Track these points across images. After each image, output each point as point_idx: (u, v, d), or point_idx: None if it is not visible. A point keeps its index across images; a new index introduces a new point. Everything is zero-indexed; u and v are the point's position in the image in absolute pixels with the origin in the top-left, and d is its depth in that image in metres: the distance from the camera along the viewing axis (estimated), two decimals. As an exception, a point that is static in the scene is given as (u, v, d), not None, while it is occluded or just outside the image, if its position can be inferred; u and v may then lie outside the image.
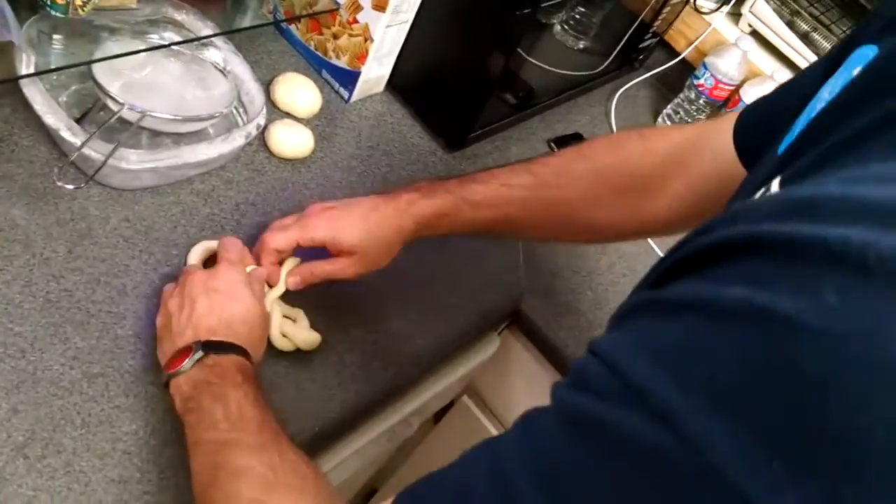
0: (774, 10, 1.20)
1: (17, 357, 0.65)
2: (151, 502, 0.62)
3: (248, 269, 0.72)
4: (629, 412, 0.31)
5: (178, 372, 0.61)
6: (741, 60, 1.14)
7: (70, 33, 0.78)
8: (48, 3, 0.70)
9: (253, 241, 0.81)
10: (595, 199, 0.73)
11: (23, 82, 0.73)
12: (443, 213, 0.73)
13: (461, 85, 0.99)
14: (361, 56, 0.95)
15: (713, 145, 0.66)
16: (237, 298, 0.67)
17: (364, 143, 0.98)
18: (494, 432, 1.07)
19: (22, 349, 0.65)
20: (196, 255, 0.76)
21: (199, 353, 0.61)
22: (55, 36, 0.77)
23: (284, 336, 0.74)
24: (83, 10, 0.72)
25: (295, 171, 0.90)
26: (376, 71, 0.99)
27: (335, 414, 0.74)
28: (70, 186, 0.70)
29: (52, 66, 0.77)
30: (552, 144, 1.12)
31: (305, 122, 0.94)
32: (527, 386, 1.00)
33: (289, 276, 0.74)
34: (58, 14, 0.71)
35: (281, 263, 0.74)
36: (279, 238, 0.72)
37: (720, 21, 1.23)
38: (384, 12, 0.90)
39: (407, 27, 0.96)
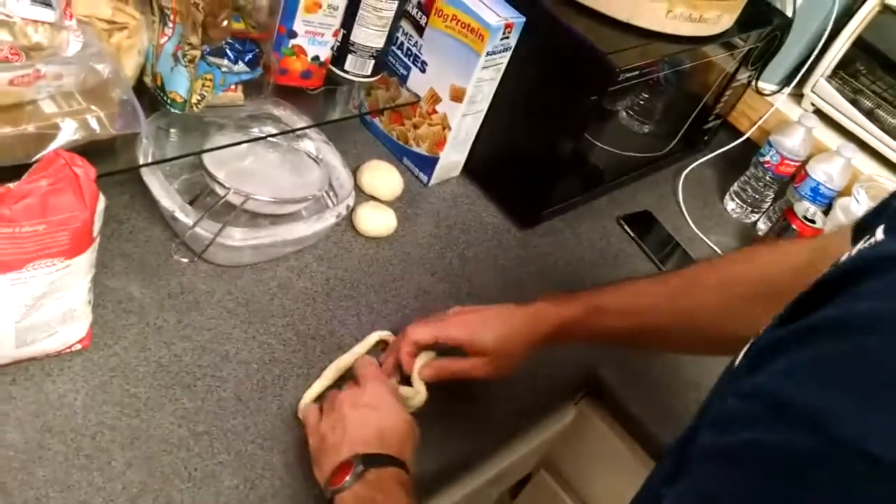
0: (836, 89, 1.24)
1: (132, 416, 0.71)
2: (252, 553, 0.66)
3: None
4: (807, 436, 0.31)
5: (342, 487, 0.63)
6: (805, 137, 1.17)
7: (184, 128, 0.88)
8: (168, 101, 0.80)
9: (343, 313, 0.87)
10: (726, 308, 0.73)
11: (143, 171, 0.82)
12: (577, 319, 0.77)
13: (532, 167, 1.05)
14: (440, 143, 1.03)
15: (843, 246, 0.68)
16: (387, 410, 0.70)
17: (442, 222, 1.04)
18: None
19: (137, 409, 0.71)
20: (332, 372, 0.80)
21: (360, 468, 0.63)
22: (171, 130, 0.87)
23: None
24: (197, 108, 0.81)
25: (379, 248, 0.96)
26: (453, 156, 1.06)
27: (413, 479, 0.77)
28: (184, 260, 0.78)
29: (168, 157, 0.87)
30: (622, 221, 1.16)
31: (389, 204, 1.01)
32: (604, 458, 1.01)
33: (423, 368, 0.78)
34: (175, 111, 0.81)
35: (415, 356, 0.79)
36: (420, 330, 0.78)
37: (782, 101, 1.27)
38: (461, 103, 0.98)
39: (481, 116, 1.04)
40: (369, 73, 0.98)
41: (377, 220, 0.97)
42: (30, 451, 0.65)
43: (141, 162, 0.82)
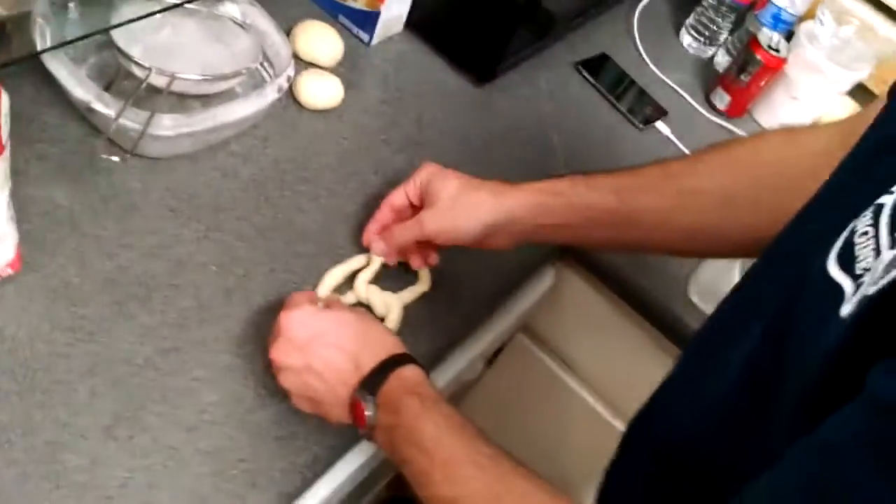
0: None
1: (85, 340, 0.63)
2: (247, 469, 0.61)
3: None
4: None
5: (370, 427, 0.57)
6: (767, -42, 1.10)
7: (86, 2, 0.74)
8: (61, -32, 0.67)
9: (300, 198, 0.79)
10: (731, 192, 0.65)
11: (44, 57, 0.69)
12: (556, 190, 0.69)
13: (484, 16, 0.95)
14: (380, -5, 0.91)
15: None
16: (346, 319, 0.62)
17: (392, 86, 0.94)
18: (553, 367, 1.06)
19: (90, 331, 0.64)
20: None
21: (369, 398, 0.57)
22: (70, 5, 0.74)
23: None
24: (98, -27, 0.68)
25: (328, 121, 0.87)
26: (395, 9, 0.95)
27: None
28: (116, 159, 0.68)
29: (71, 38, 0.73)
30: (580, 68, 1.08)
31: (330, 70, 0.91)
32: (584, 316, 0.99)
33: (374, 245, 0.72)
34: (72, -21, 0.68)
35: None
36: (394, 194, 0.73)
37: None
38: (401, -56, 0.86)
39: (423, -41, 0.92)
40: (292, -84, 0.84)
41: (322, 90, 0.87)
42: (-25, 395, 0.58)
43: (39, 47, 0.69)
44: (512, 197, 0.70)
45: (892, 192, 0.38)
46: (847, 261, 0.37)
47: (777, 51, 1.05)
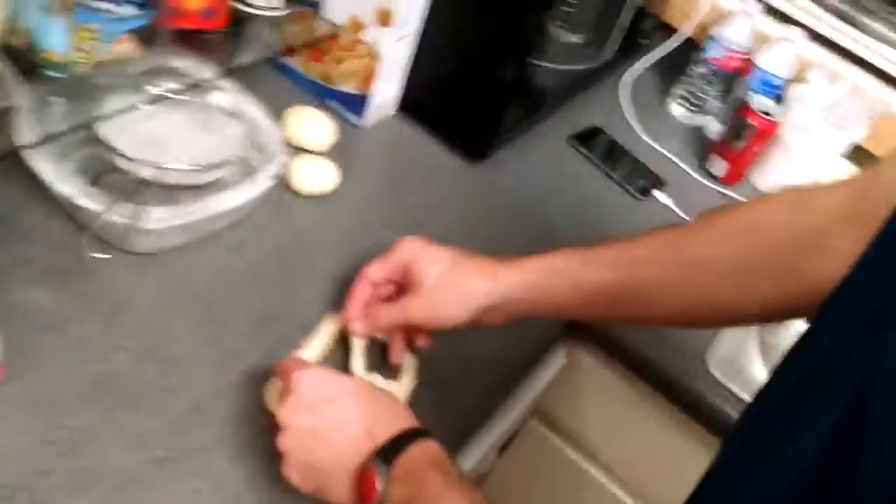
0: (771, -27, 1.17)
1: (70, 454, 0.58)
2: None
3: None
4: None
5: (381, 501, 0.51)
6: (749, 27, 1.11)
7: (70, 95, 0.72)
8: (44, 63, 0.65)
9: (300, 287, 0.75)
10: (740, 260, 0.60)
11: (27, 154, 0.66)
12: (552, 268, 0.64)
13: (477, 95, 0.94)
14: (370, 77, 0.90)
15: (890, 183, 0.56)
16: (352, 387, 0.57)
17: (387, 169, 0.93)
18: (568, 452, 1.00)
19: (75, 444, 0.58)
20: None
21: (384, 467, 0.52)
22: (54, 99, 0.71)
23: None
24: (84, 64, 0.66)
25: (324, 207, 0.84)
26: (387, 91, 0.94)
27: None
28: (105, 256, 0.64)
29: (55, 132, 0.71)
30: (573, 141, 1.07)
31: (322, 156, 0.88)
32: (599, 396, 0.94)
33: (354, 324, 0.68)
34: (56, 75, 0.65)
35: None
36: (372, 268, 0.68)
37: (718, -8, 1.20)
38: (390, 26, 0.85)
39: (411, 41, 0.91)
40: (280, 4, 0.83)
41: (316, 176, 0.84)
42: (-51, 525, 0.52)
43: (23, 143, 0.66)
44: (504, 279, 0.65)
45: None
46: None
47: (769, 115, 1.04)
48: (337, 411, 0.55)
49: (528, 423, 1.01)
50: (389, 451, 0.52)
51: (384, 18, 0.85)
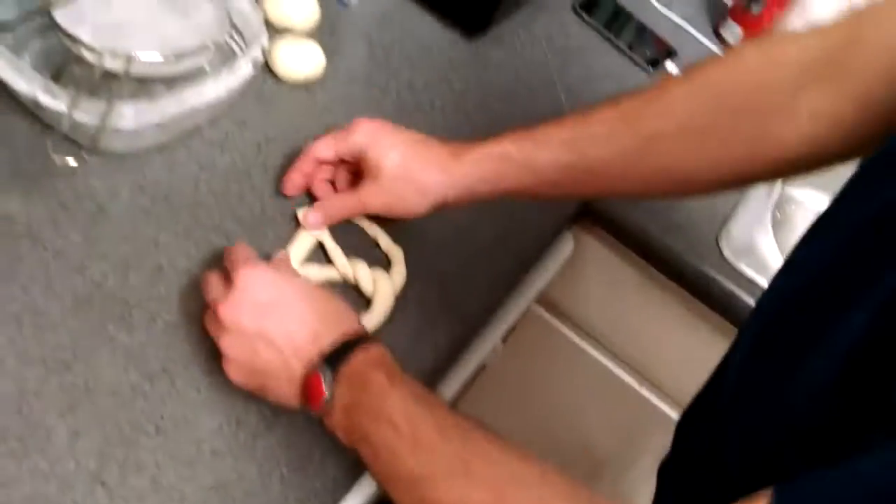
0: None
1: (59, 372, 0.55)
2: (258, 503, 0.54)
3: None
4: None
5: (325, 406, 0.51)
6: None
7: (18, -23, 0.65)
8: (-17, -59, 0.57)
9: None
10: (701, 126, 0.57)
11: (-23, 47, 0.60)
12: (504, 154, 0.62)
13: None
14: (355, -55, 0.81)
15: (877, 37, 0.51)
16: (300, 290, 0.56)
17: (377, 49, 0.85)
18: (574, 338, 0.99)
19: (64, 362, 0.55)
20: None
21: (329, 373, 0.51)
22: (1, -16, 0.64)
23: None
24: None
25: (310, 93, 0.78)
26: (373, -39, 0.85)
27: (428, 364, 0.66)
28: (72, 163, 0.59)
29: (4, 20, 0.64)
30: (578, 9, 0.99)
31: (307, 36, 0.81)
32: (606, 282, 0.92)
33: (305, 215, 0.65)
34: (-1, -46, 0.58)
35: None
36: (320, 145, 0.65)
37: None
38: None
39: None
40: None
41: (301, 60, 0.77)
42: (-63, 452, 0.50)
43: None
44: (457, 171, 0.63)
45: None
46: None
47: (791, -26, 0.96)
48: (282, 315, 0.54)
49: (532, 308, 0.99)
50: (335, 356, 0.52)
51: None
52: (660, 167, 0.60)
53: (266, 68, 0.77)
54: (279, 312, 0.54)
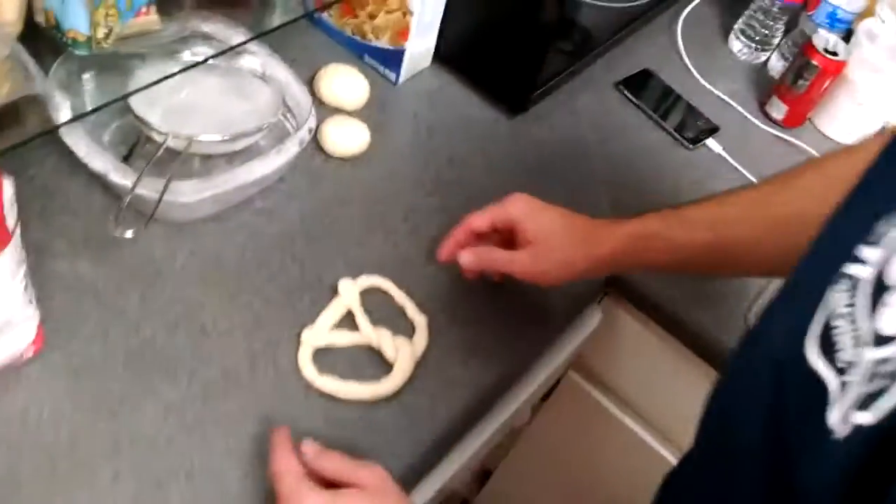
0: None
1: (107, 419, 0.62)
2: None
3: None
4: None
5: None
6: (818, -45, 1.02)
7: (100, 69, 0.74)
8: (69, 42, 0.66)
9: (328, 253, 0.77)
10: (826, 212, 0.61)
11: (62, 130, 0.69)
12: (650, 232, 0.66)
13: (514, 41, 0.91)
14: (403, 32, 0.88)
15: None
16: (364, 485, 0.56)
17: (422, 125, 0.91)
18: (608, 405, 1.00)
19: (112, 410, 0.62)
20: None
21: None
22: (85, 75, 0.73)
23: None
24: (106, 43, 0.67)
25: (355, 168, 0.84)
26: (421, 45, 0.92)
27: (444, 425, 0.69)
28: (129, 234, 0.66)
29: (88, 108, 0.73)
30: (620, 87, 1.03)
31: (357, 114, 0.88)
32: (635, 351, 0.93)
33: (463, 253, 0.70)
34: (81, 52, 0.67)
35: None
36: (476, 218, 0.70)
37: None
38: (420, -20, 0.83)
39: (445, -9, 0.89)
40: (307, -38, 0.82)
41: (347, 137, 0.84)
42: (1, 484, 0.57)
43: (57, 122, 0.69)
44: (606, 245, 0.68)
45: (863, 262, 0.32)
46: (827, 347, 0.32)
47: (835, 54, 0.97)
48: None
49: (568, 375, 1.01)
50: None
51: (413, -29, 0.83)
52: (788, 249, 0.62)
53: (316, 144, 0.84)
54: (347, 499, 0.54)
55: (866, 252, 0.34)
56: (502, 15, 0.90)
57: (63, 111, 0.70)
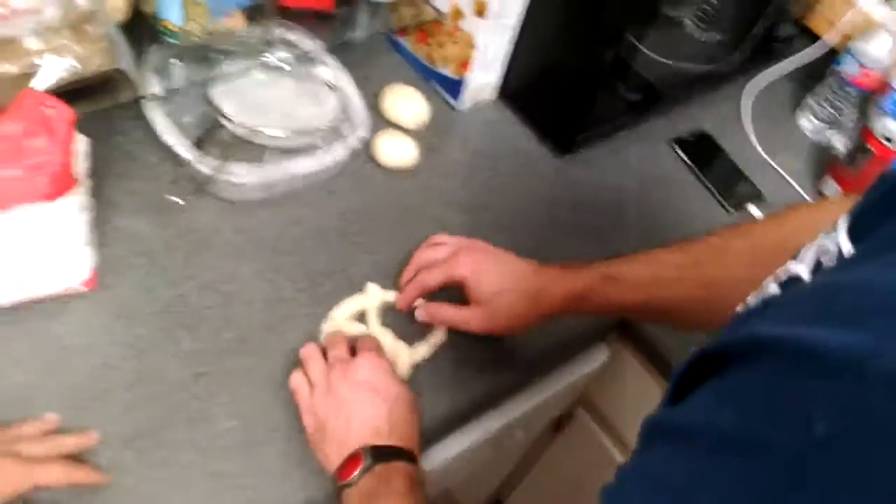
0: (936, -16, 1.07)
1: (135, 357, 0.71)
2: (248, 496, 0.66)
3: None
4: None
5: (350, 483, 0.61)
6: (890, 44, 1.02)
7: (189, 59, 0.85)
8: (163, 31, 0.77)
9: (357, 250, 0.84)
10: (757, 280, 0.65)
11: (146, 105, 0.80)
12: (587, 289, 0.71)
13: (569, 83, 0.96)
14: (465, 64, 0.95)
15: None
16: (392, 393, 0.66)
17: (469, 150, 0.98)
18: (609, 446, 1.03)
19: (139, 350, 0.71)
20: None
21: (369, 461, 0.61)
22: (175, 62, 0.84)
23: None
24: (195, 36, 0.78)
25: (400, 180, 0.92)
26: (482, 78, 0.99)
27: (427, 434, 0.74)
28: (177, 199, 0.76)
29: (170, 90, 0.84)
30: (674, 144, 1.06)
31: (413, 132, 0.96)
32: (638, 397, 0.96)
33: (419, 311, 0.77)
34: (173, 41, 0.78)
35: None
36: (429, 278, 0.76)
37: (868, 1, 1.11)
38: (485, 18, 0.90)
39: (511, 32, 0.95)
40: (386, -10, 0.91)
41: (396, 150, 0.92)
42: (30, 392, 0.67)
43: (145, 95, 0.80)
44: (547, 303, 0.73)
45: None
46: None
47: (891, 140, 0.97)
48: (369, 402, 0.65)
49: (577, 412, 1.04)
50: (379, 454, 0.62)
51: (480, 9, 0.90)
52: (717, 310, 0.66)
53: (368, 154, 0.92)
54: (368, 399, 0.65)
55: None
56: (563, 58, 0.96)
57: (150, 89, 0.80)
